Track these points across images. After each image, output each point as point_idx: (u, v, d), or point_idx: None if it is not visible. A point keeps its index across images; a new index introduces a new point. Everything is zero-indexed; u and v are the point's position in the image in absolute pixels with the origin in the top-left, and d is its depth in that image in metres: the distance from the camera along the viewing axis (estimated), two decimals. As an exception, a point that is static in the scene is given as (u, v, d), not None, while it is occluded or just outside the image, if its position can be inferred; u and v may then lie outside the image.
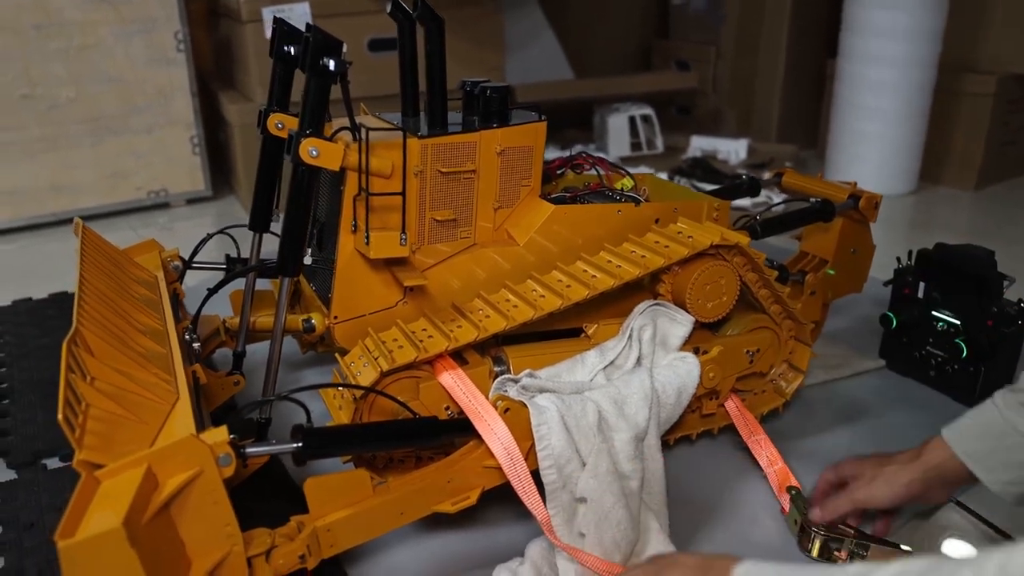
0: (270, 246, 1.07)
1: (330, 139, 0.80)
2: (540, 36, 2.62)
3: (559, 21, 2.66)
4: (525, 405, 0.80)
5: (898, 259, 1.22)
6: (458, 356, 0.88)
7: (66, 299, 1.52)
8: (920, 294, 1.17)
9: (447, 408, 0.86)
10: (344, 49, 0.78)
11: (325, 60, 0.77)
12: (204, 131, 2.09)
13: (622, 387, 0.86)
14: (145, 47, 1.96)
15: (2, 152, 1.87)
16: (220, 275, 1.08)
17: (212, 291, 0.95)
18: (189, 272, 1.09)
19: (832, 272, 1.22)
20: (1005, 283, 1.10)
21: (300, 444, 0.72)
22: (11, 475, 0.99)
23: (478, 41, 2.12)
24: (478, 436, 0.79)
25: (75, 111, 1.93)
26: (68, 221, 1.98)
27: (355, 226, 0.86)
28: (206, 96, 2.16)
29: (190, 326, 0.94)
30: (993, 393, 0.81)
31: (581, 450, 0.80)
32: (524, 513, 0.90)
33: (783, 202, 1.23)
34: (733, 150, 2.38)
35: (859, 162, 2.22)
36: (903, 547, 0.83)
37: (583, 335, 0.97)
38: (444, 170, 0.89)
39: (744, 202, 1.90)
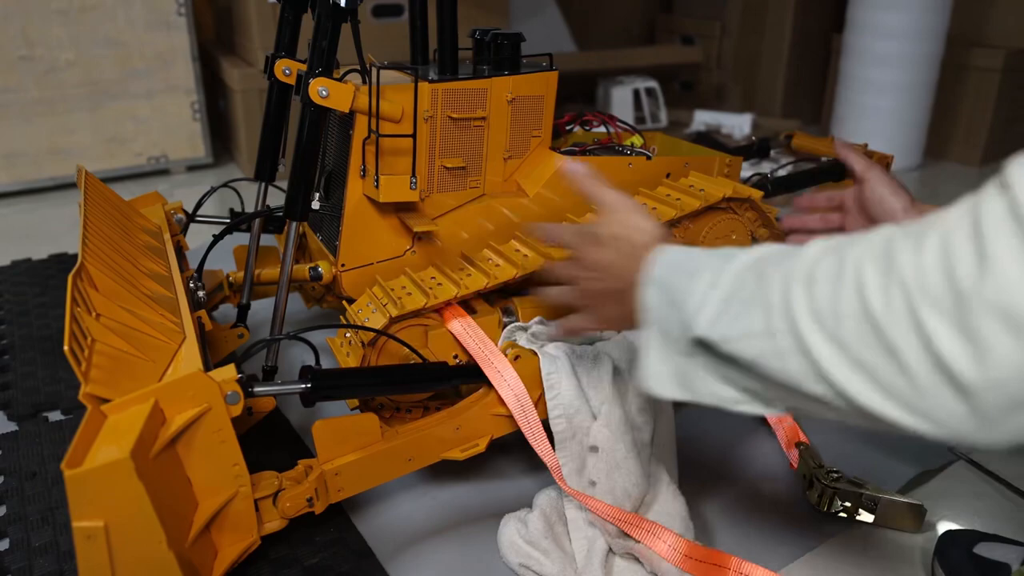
0: (274, 200, 1.06)
1: (340, 80, 0.79)
2: (544, 9, 2.58)
3: (563, -7, 2.64)
4: (536, 353, 0.79)
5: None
6: (467, 306, 0.87)
7: (66, 260, 1.50)
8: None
9: (455, 357, 0.85)
10: (355, -14, 0.76)
11: (336, -3, 0.75)
12: (205, 97, 2.06)
13: (634, 339, 0.85)
14: (146, 10, 1.92)
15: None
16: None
17: (218, 237, 0.93)
18: (191, 234, 1.08)
19: None
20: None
21: (309, 385, 0.70)
22: (12, 427, 0.98)
23: (484, 9, 2.10)
24: (488, 383, 0.78)
25: (74, 74, 1.90)
26: (66, 186, 1.95)
27: (364, 171, 0.85)
28: (207, 63, 2.14)
29: (195, 275, 0.92)
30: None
31: (591, 401, 0.79)
32: (532, 466, 0.89)
33: (782, 166, 1.22)
34: (737, 125, 2.36)
35: (864, 136, 2.18)
36: (913, 501, 0.83)
37: (593, 288, 0.95)
38: (454, 116, 0.88)
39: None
